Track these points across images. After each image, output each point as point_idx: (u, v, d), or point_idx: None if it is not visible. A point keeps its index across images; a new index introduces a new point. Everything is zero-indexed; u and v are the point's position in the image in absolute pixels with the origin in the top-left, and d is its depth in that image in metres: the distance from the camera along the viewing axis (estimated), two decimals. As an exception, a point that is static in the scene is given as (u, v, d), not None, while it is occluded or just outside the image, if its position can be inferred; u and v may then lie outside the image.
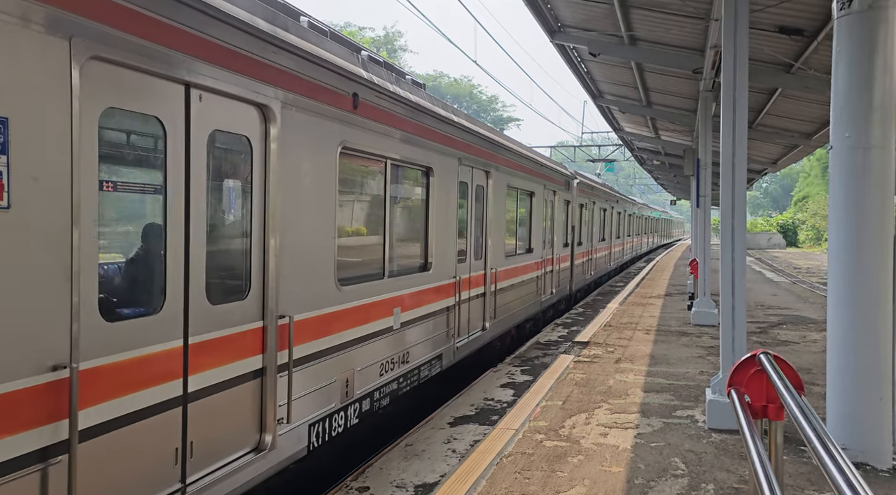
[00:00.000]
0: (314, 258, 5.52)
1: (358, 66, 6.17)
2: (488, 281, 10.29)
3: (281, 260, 4.98)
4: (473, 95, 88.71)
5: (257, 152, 4.82)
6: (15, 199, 3.12)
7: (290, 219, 5.11)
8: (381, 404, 6.76)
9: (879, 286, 5.68)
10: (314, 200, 5.51)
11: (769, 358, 3.69)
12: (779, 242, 63.65)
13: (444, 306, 8.49)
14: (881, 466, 5.56)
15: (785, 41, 10.43)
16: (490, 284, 10.36)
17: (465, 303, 9.24)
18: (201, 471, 4.27)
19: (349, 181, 6.42)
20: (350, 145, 6.04)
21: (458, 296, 8.97)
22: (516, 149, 11.89)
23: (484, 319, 10.17)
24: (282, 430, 4.97)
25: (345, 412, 6.04)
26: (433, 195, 8.09)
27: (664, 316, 15.10)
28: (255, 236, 4.81)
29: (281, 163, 4.98)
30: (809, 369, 9.47)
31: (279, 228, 4.95)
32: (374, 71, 6.52)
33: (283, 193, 5.02)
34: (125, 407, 3.72)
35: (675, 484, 5.37)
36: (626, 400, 7.89)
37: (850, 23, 5.67)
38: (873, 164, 5.64)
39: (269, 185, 4.89)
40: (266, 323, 4.86)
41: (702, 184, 14.14)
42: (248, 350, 4.71)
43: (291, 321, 5.07)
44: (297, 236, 5.22)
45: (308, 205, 5.41)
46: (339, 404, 5.93)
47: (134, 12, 3.67)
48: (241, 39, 4.54)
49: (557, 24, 12.59)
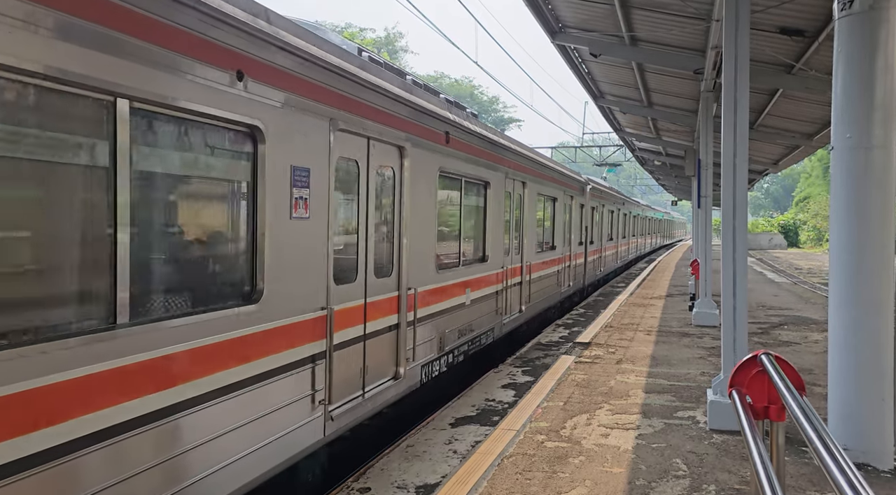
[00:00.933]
0: (424, 250, 7.74)
1: (447, 112, 8.42)
2: (524, 272, 12.35)
3: (409, 250, 7.22)
4: (474, 96, 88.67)
5: (397, 178, 7.06)
6: (311, 213, 5.40)
7: (412, 223, 7.29)
8: (457, 359, 8.91)
9: (881, 286, 5.67)
10: (424, 210, 7.68)
11: (770, 358, 3.69)
12: (780, 243, 63.61)
13: (495, 290, 10.59)
14: (883, 467, 5.56)
15: (786, 42, 10.42)
16: (525, 275, 12.44)
17: (508, 289, 11.33)
18: (370, 386, 6.44)
19: (441, 196, 8.45)
20: (444, 169, 8.28)
21: (505, 282, 11.11)
22: (544, 163, 14.17)
23: (521, 303, 12.20)
24: (408, 367, 7.19)
25: (439, 361, 8.26)
26: (489, 203, 10.23)
27: (665, 316, 15.10)
28: (396, 234, 7.08)
29: (409, 185, 7.19)
30: (811, 370, 9.46)
31: (408, 230, 7.18)
32: (455, 112, 8.81)
33: (410, 206, 7.22)
34: (345, 336, 5.97)
35: (677, 485, 5.36)
36: (627, 401, 7.88)
37: (851, 23, 5.67)
38: (874, 165, 5.63)
39: (404, 200, 7.13)
40: (400, 292, 7.09)
41: (703, 185, 14.14)
42: (391, 310, 6.94)
43: (416, 292, 7.39)
44: (416, 235, 7.44)
45: (421, 214, 7.58)
46: (437, 354, 8.17)
47: (358, 103, 6.10)
48: (392, 104, 6.78)
49: (558, 25, 12.59)
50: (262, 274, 4.79)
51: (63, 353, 3.30)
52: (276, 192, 4.95)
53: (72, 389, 3.34)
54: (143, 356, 3.76)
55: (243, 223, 4.78)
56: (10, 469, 3.05)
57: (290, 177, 5.12)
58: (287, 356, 5.07)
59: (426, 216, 7.74)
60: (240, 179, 4.75)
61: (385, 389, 6.70)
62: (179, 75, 3.99)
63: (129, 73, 3.63)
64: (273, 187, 4.90)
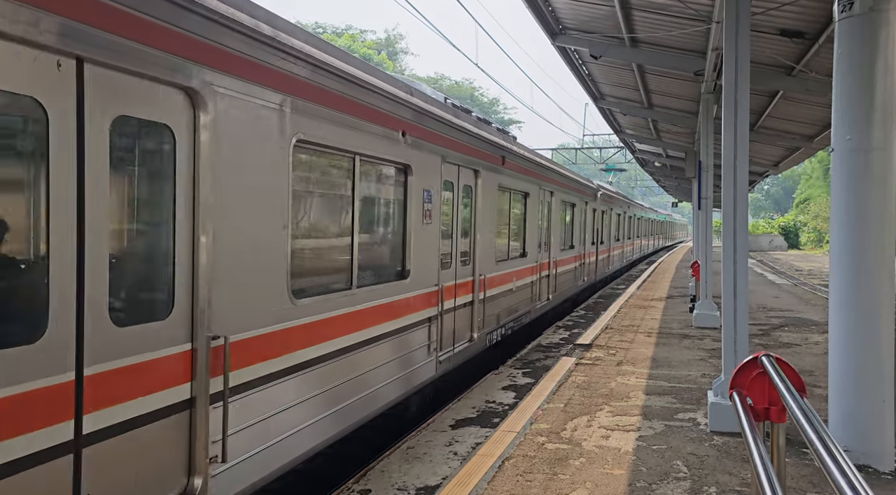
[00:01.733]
0: (489, 246, 10.08)
1: (502, 140, 10.67)
2: (551, 266, 14.70)
3: (480, 246, 9.58)
4: (475, 98, 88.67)
5: (473, 193, 9.43)
6: (432, 219, 7.76)
7: (482, 226, 9.67)
8: (507, 333, 11.32)
9: (881, 288, 5.68)
10: (488, 216, 10.03)
11: (771, 360, 3.69)
12: (780, 244, 63.54)
13: (531, 280, 12.86)
14: (883, 468, 5.55)
15: (786, 44, 10.43)
16: (552, 269, 14.81)
17: (540, 280, 13.65)
18: (457, 343, 8.77)
19: (497, 205, 10.67)
20: (502, 185, 10.71)
21: (538, 275, 13.44)
22: (566, 174, 16.59)
23: (548, 292, 14.43)
24: (478, 334, 9.56)
25: (496, 332, 10.66)
26: (528, 210, 12.67)
27: (666, 318, 15.09)
28: (472, 233, 9.42)
29: (481, 198, 9.63)
30: (811, 371, 9.46)
31: (480, 230, 9.57)
32: (506, 139, 11.18)
33: (481, 213, 9.64)
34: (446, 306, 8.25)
35: (677, 487, 5.36)
36: (627, 402, 7.88)
37: (852, 25, 5.68)
38: (874, 167, 5.64)
39: (477, 209, 9.52)
40: (474, 277, 9.44)
41: (703, 187, 14.13)
42: (469, 290, 9.27)
43: (485, 277, 9.80)
44: (484, 235, 9.79)
45: (487, 219, 9.95)
46: (495, 326, 10.55)
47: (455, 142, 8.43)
48: (471, 140, 9.05)
49: (558, 26, 12.60)
50: (409, 260, 7.20)
51: (341, 299, 5.80)
52: (417, 206, 7.37)
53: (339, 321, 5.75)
54: (363, 306, 6.20)
55: (399, 226, 7.22)
56: (334, 354, 5.66)
57: (423, 196, 7.54)
58: (420, 315, 7.47)
59: (490, 221, 10.15)
60: (399, 198, 7.18)
61: (465, 348, 9.06)
62: (382, 137, 6.44)
63: (358, 141, 5.98)
64: (415, 203, 7.34)
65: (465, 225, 9.15)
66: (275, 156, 4.73)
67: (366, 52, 68.85)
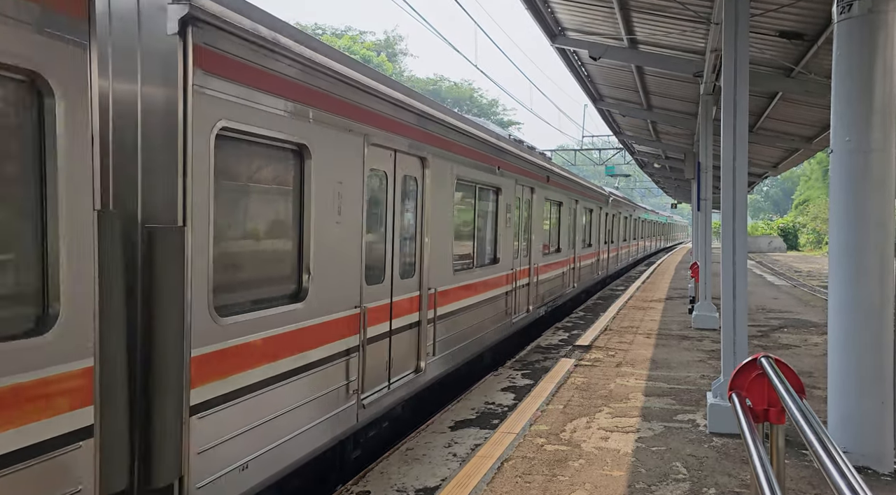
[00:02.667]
0: (538, 242, 12.98)
1: (547, 163, 13.84)
2: (576, 260, 17.84)
3: (531, 242, 12.47)
4: (474, 99, 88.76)
5: (531, 204, 12.31)
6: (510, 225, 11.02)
7: (535, 228, 12.58)
8: (549, 310, 14.55)
9: (880, 289, 5.68)
10: (539, 222, 12.94)
11: (770, 361, 3.69)
12: (779, 246, 63.56)
13: (563, 270, 16.08)
14: (883, 470, 5.55)
15: (785, 45, 10.44)
16: (577, 262, 18.03)
17: (570, 270, 17.03)
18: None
19: (546, 214, 13.89)
20: (547, 197, 13.66)
21: (571, 266, 17.08)
22: (589, 186, 20.09)
23: (573, 281, 17.51)
24: (532, 307, 12.63)
25: (545, 307, 13.99)
26: (561, 215, 15.73)
27: (665, 319, 15.10)
28: (530, 232, 12.36)
29: (535, 208, 12.54)
30: (811, 373, 9.46)
31: (534, 230, 12.48)
32: (549, 162, 14.18)
33: (536, 220, 12.63)
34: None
35: (677, 488, 5.36)
36: (627, 404, 7.88)
37: (851, 27, 5.68)
38: (873, 168, 5.64)
39: (533, 216, 12.47)
40: (530, 266, 12.38)
41: (703, 188, 14.14)
42: (526, 275, 12.04)
43: (538, 266, 13.04)
44: (538, 235, 12.86)
45: (540, 226, 13.05)
46: (542, 303, 13.61)
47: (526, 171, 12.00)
48: (529, 166, 12.02)
49: (558, 28, 12.61)
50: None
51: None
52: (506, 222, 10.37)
53: None
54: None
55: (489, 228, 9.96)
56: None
57: (507, 212, 10.50)
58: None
59: (540, 224, 13.21)
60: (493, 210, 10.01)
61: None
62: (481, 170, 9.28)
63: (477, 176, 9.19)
64: (504, 219, 10.33)
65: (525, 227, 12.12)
66: (447, 193, 8.05)
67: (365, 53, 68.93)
